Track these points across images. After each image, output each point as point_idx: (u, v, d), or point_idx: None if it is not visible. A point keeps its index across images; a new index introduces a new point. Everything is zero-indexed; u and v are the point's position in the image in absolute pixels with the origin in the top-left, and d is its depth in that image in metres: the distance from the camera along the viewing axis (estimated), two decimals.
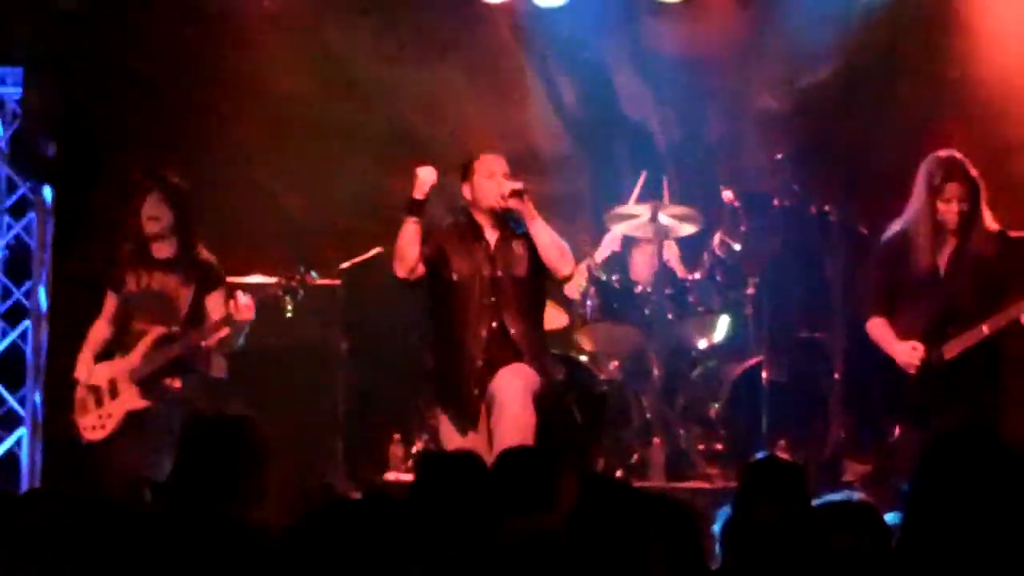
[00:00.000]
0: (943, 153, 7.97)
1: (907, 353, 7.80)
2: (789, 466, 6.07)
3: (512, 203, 8.37)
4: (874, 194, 9.82)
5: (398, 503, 4.72)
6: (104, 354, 8.68)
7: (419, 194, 8.38)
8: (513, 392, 8.18)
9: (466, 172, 8.59)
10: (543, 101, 11.56)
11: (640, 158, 11.44)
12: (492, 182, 8.46)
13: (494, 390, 8.26)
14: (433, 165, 8.61)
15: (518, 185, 8.40)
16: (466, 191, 8.59)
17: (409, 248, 8.39)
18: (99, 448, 8.51)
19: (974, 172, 7.86)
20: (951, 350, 7.75)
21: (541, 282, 8.59)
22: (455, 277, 8.43)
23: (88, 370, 8.62)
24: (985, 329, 7.65)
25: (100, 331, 8.72)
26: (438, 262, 8.47)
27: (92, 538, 4.61)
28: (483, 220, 8.53)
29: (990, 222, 7.88)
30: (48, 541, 4.48)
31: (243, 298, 8.45)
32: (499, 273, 8.41)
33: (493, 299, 8.38)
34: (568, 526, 5.09)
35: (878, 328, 8.02)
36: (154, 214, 8.47)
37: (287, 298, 8.73)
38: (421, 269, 8.44)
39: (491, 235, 8.52)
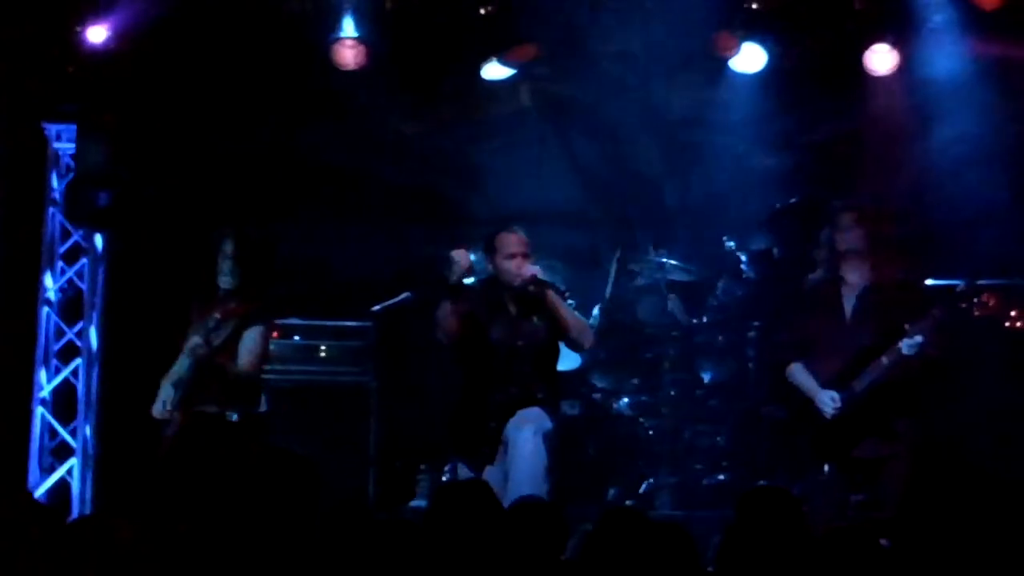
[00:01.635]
0: (842, 204, 8.50)
1: (826, 402, 8.16)
2: (784, 496, 6.26)
3: (531, 289, 8.64)
4: None
5: (415, 528, 5.15)
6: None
7: (455, 278, 8.63)
8: (524, 439, 8.47)
9: (488, 248, 8.84)
10: (560, 161, 12.12)
11: (650, 211, 12.01)
12: (511, 263, 8.67)
13: (508, 434, 8.57)
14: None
15: (535, 271, 8.64)
16: (489, 265, 8.85)
17: (447, 322, 8.66)
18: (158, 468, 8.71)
19: (872, 223, 8.37)
20: (860, 384, 8.14)
21: (556, 346, 8.87)
22: (487, 342, 8.68)
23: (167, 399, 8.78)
24: (884, 361, 8.08)
25: (182, 367, 8.76)
26: (472, 325, 8.71)
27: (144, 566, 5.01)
28: (506, 293, 8.76)
29: (891, 264, 8.39)
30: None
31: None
32: (519, 343, 8.66)
33: (512, 367, 8.64)
34: (582, 553, 5.62)
35: (799, 373, 8.35)
36: (228, 253, 8.72)
37: (323, 346, 9.14)
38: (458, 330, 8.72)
39: (512, 307, 8.76)
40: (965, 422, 10.30)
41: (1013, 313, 11.01)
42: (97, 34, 10.62)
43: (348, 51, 10.77)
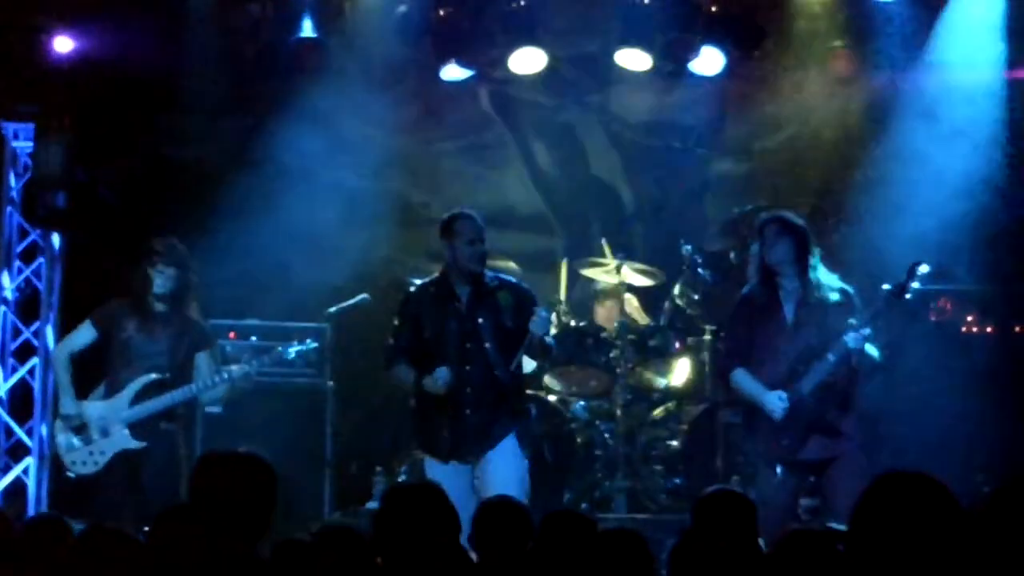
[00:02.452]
0: (767, 216, 8.55)
1: (774, 402, 8.20)
2: (740, 499, 6.22)
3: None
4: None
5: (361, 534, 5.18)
6: (84, 390, 8.95)
7: (435, 390, 8.51)
8: (505, 456, 8.48)
9: (445, 232, 8.73)
10: (520, 164, 12.14)
11: (608, 216, 12.06)
12: (474, 249, 8.60)
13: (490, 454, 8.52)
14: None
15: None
16: (446, 250, 8.74)
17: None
18: (91, 484, 8.82)
19: (793, 221, 8.42)
20: (806, 384, 8.20)
21: (515, 333, 8.71)
22: (426, 335, 8.65)
23: (74, 406, 8.88)
24: (831, 357, 8.14)
25: (64, 361, 8.98)
26: (414, 329, 8.70)
27: (101, 565, 5.00)
28: (457, 276, 8.68)
29: (827, 272, 8.42)
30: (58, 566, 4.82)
31: (242, 368, 8.91)
32: (474, 323, 8.59)
33: (468, 346, 8.58)
34: (532, 556, 5.63)
35: (744, 378, 8.41)
36: (163, 275, 8.83)
37: (279, 347, 9.20)
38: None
39: (462, 290, 8.67)
40: (918, 425, 10.38)
41: (969, 318, 11.09)
42: (63, 44, 10.65)
43: (308, 53, 10.79)
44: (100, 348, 9.03)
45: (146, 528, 5.95)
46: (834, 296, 8.37)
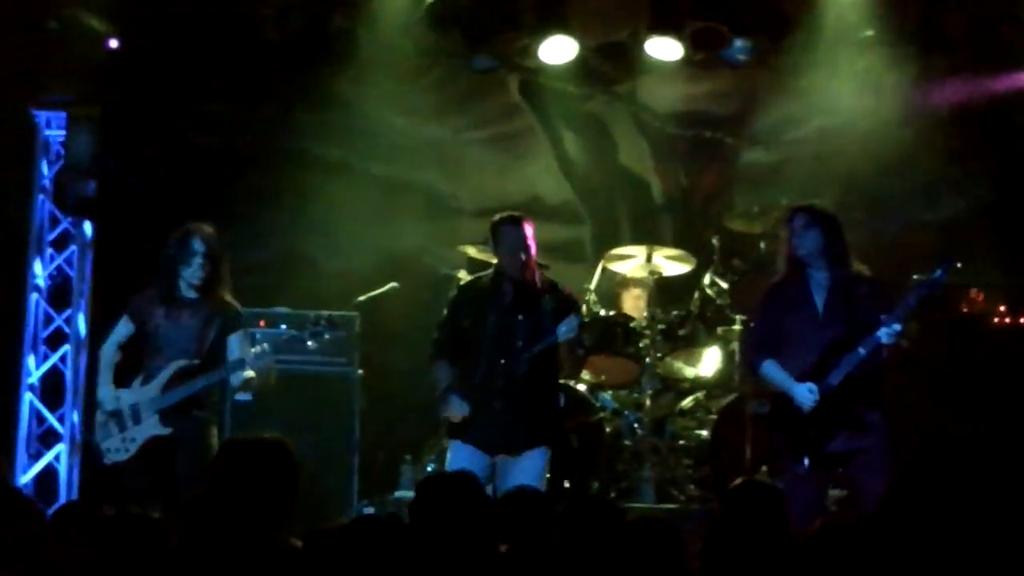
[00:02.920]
0: (796, 207, 8.47)
1: (804, 394, 8.15)
2: (769, 489, 6.29)
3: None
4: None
5: (399, 523, 5.15)
6: (125, 379, 8.91)
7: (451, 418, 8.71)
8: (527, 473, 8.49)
9: (492, 234, 8.83)
10: (548, 154, 12.13)
11: (637, 205, 12.05)
12: (514, 258, 8.66)
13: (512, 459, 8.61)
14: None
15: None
16: (494, 251, 8.85)
17: None
18: (123, 469, 8.78)
19: (821, 210, 8.35)
20: (836, 377, 8.11)
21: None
22: (465, 324, 8.73)
23: (111, 394, 8.87)
24: (861, 351, 8.06)
25: (110, 354, 8.97)
26: (454, 320, 8.80)
27: (126, 553, 5.01)
28: (505, 274, 8.73)
29: (859, 266, 8.35)
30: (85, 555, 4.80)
31: (263, 347, 8.83)
32: (514, 319, 8.65)
33: (504, 341, 8.62)
34: (559, 544, 5.56)
35: (773, 369, 8.33)
36: (195, 262, 8.78)
37: (310, 341, 9.23)
38: None
39: (508, 286, 8.71)
40: (947, 415, 10.37)
41: (1001, 309, 11.06)
42: (94, 34, 10.81)
43: (337, 42, 10.84)
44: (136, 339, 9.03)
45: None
46: (864, 287, 8.33)
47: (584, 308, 10.50)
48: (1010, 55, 10.85)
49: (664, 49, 11.08)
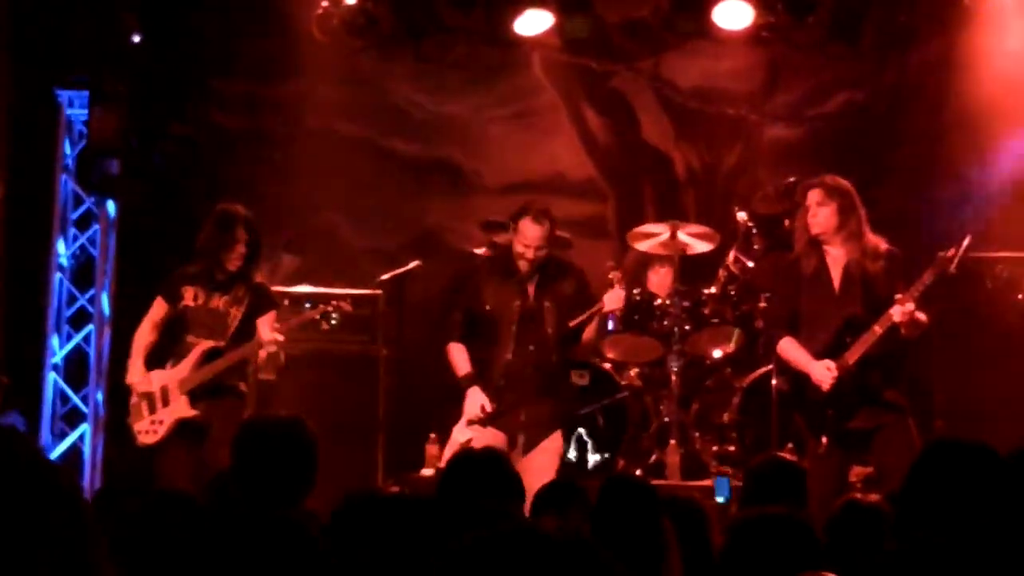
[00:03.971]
0: (808, 183, 8.46)
1: (822, 372, 8.13)
2: (791, 466, 6.44)
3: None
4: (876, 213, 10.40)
5: (425, 499, 5.20)
6: (156, 362, 9.00)
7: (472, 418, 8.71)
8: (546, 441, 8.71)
9: (512, 221, 8.80)
10: (570, 129, 12.10)
11: (660, 182, 12.02)
12: (522, 251, 8.69)
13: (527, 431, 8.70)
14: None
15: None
16: (512, 237, 8.82)
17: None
18: (152, 451, 8.85)
19: (836, 184, 8.29)
20: (852, 355, 8.11)
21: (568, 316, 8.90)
22: (488, 307, 8.80)
23: (141, 376, 8.93)
24: (877, 329, 8.05)
25: (144, 335, 9.02)
26: (475, 301, 8.86)
27: (156, 532, 4.88)
28: (519, 261, 8.78)
29: (875, 238, 8.30)
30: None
31: (272, 325, 8.86)
32: (540, 306, 8.75)
33: (530, 326, 8.72)
34: (592, 520, 5.58)
35: (790, 347, 8.33)
36: (238, 243, 8.82)
37: (323, 322, 9.23)
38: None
39: (530, 272, 8.77)
40: (973, 391, 10.34)
41: None
42: (117, 13, 10.82)
43: (360, 19, 10.84)
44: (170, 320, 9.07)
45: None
46: (881, 262, 8.29)
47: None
48: None
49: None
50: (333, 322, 9.15)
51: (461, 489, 5.46)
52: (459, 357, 8.83)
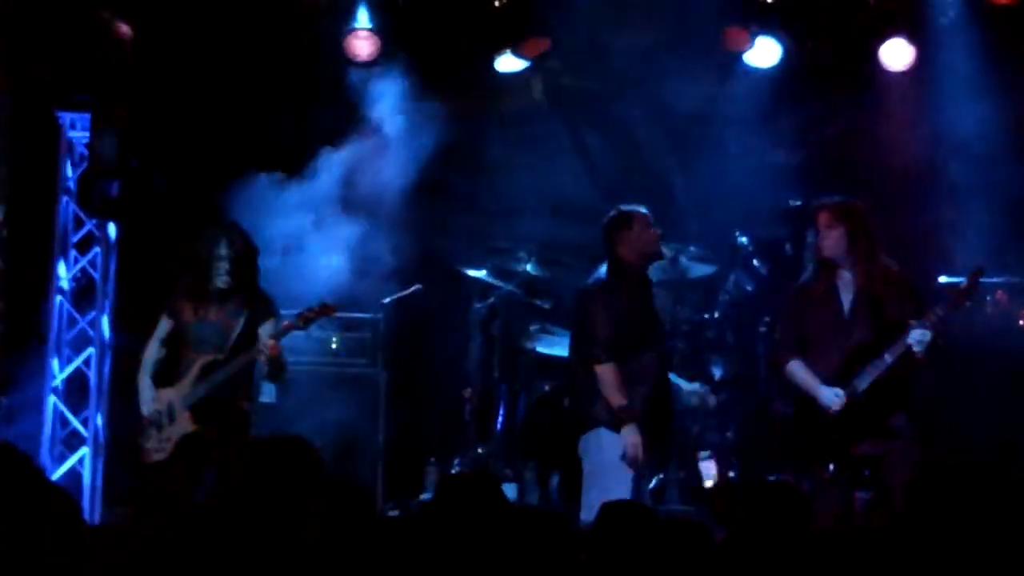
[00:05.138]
0: (830, 200, 8.42)
1: (831, 398, 8.12)
2: (790, 489, 6.19)
3: None
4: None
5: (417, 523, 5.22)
6: (162, 380, 9.06)
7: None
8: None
9: (628, 224, 8.76)
10: (571, 154, 12.11)
11: (661, 206, 11.99)
12: (652, 232, 8.76)
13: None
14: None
15: None
16: (622, 244, 8.71)
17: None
18: (157, 469, 8.78)
19: (849, 206, 8.28)
20: (862, 382, 8.10)
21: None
22: (635, 320, 8.65)
23: (150, 396, 9.01)
24: (888, 358, 8.05)
25: (152, 353, 9.10)
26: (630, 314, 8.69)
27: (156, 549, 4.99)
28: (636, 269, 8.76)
29: (886, 261, 8.30)
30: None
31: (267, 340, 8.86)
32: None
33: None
34: (588, 546, 5.53)
35: (798, 370, 8.28)
36: (220, 260, 8.92)
37: (334, 337, 9.20)
38: None
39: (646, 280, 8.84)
40: (975, 415, 10.35)
41: None
42: (118, 34, 10.82)
43: (362, 42, 10.85)
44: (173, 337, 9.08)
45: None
46: (891, 286, 8.26)
47: None
48: None
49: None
50: (327, 337, 9.13)
51: (453, 514, 5.44)
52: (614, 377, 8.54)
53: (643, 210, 8.73)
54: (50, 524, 4.59)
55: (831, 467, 8.14)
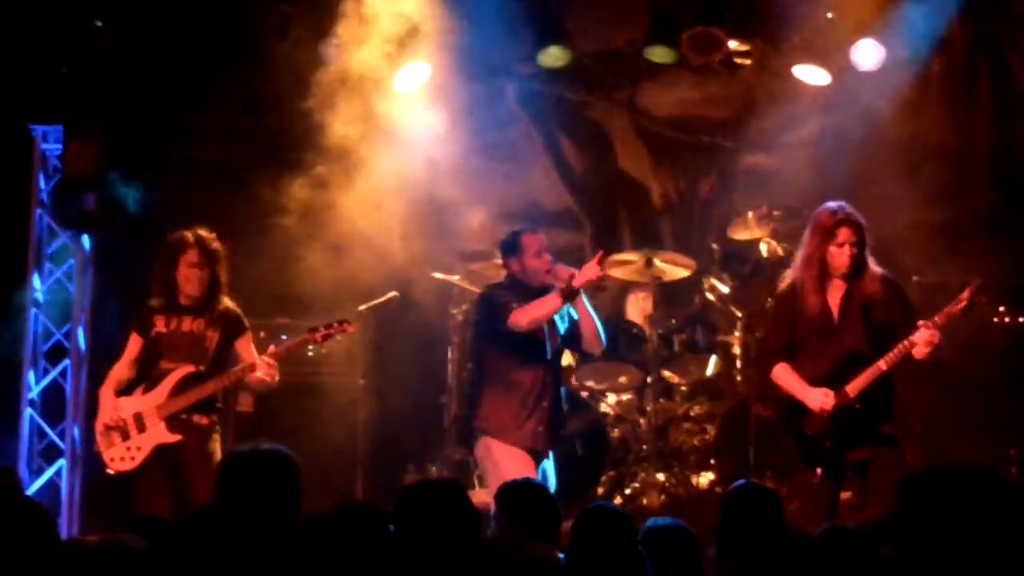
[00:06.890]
0: (834, 203, 8.27)
1: (820, 400, 8.01)
2: (766, 492, 6.28)
3: (578, 284, 8.47)
4: None
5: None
6: (126, 390, 8.91)
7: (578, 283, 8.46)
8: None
9: (511, 248, 8.77)
10: (546, 159, 12.12)
11: (636, 210, 12.04)
12: (540, 261, 8.66)
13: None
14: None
15: (572, 271, 8.56)
16: (514, 265, 8.74)
17: (544, 318, 8.55)
18: (131, 478, 8.74)
19: (862, 220, 8.15)
20: (854, 389, 8.00)
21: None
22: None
23: (112, 405, 8.85)
24: (883, 365, 7.96)
25: (122, 371, 8.97)
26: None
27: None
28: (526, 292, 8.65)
29: (874, 266, 8.18)
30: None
31: (267, 359, 8.76)
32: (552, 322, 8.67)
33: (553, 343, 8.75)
34: (569, 552, 5.49)
35: (785, 374, 8.18)
36: (194, 266, 8.83)
37: (310, 346, 9.15)
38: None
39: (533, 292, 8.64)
40: (951, 414, 10.40)
41: (1001, 309, 11.07)
42: (93, 47, 10.80)
43: (335, 51, 10.85)
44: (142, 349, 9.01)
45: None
46: (880, 290, 8.19)
47: None
48: None
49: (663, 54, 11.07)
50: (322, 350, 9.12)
51: (418, 521, 5.30)
52: None
53: (539, 235, 8.76)
54: (24, 540, 4.59)
55: (818, 471, 8.10)
